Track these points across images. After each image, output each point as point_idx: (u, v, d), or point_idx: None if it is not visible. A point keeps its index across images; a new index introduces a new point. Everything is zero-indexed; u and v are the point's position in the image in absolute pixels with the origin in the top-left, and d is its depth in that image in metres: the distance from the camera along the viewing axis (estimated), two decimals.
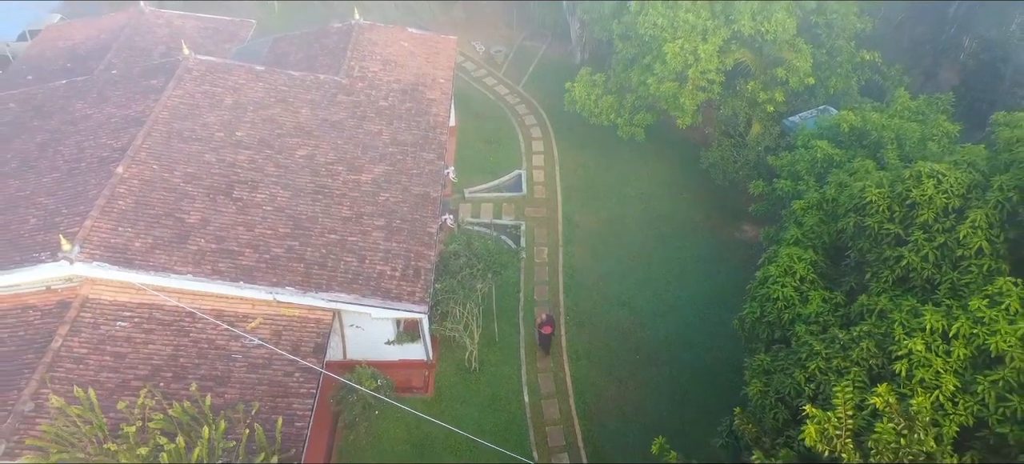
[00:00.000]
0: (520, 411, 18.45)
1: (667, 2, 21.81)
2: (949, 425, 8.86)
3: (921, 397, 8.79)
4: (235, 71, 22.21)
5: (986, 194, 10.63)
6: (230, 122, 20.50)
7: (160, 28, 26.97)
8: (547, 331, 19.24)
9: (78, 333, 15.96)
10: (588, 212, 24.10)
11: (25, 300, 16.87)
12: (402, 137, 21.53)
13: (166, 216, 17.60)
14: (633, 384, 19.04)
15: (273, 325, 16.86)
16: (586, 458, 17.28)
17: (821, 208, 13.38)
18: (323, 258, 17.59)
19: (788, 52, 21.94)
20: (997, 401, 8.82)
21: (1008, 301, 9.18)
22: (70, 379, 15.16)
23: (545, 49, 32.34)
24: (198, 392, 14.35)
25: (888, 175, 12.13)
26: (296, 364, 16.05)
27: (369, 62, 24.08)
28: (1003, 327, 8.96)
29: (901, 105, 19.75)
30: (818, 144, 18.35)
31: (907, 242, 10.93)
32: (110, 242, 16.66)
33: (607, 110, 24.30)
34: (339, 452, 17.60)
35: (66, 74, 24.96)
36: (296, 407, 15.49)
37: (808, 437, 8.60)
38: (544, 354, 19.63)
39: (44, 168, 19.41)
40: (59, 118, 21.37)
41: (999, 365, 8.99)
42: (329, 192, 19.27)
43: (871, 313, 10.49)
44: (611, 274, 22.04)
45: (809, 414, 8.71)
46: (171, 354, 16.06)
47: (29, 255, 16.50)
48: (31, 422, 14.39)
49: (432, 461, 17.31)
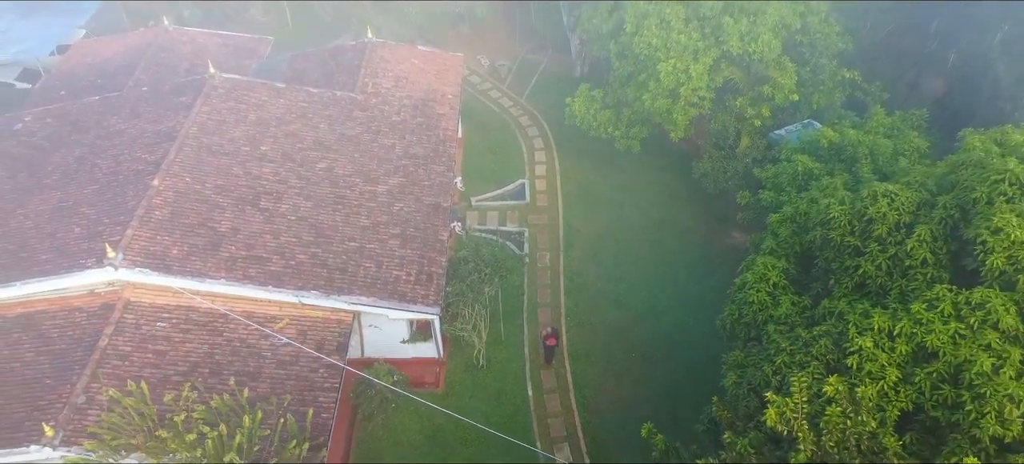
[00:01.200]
0: (524, 404, 20.01)
1: (661, 24, 23.34)
2: (892, 410, 10.40)
3: (868, 386, 10.32)
4: (258, 88, 23.75)
5: (932, 211, 12.19)
6: (254, 137, 22.05)
7: (183, 45, 28.55)
8: (552, 343, 20.66)
9: (122, 333, 17.54)
10: (588, 219, 25.65)
11: (71, 302, 18.48)
12: (414, 150, 23.10)
13: (199, 225, 19.17)
14: (629, 380, 20.58)
15: (299, 325, 18.43)
16: (585, 447, 18.84)
17: (794, 221, 14.95)
18: (344, 264, 19.15)
19: (774, 70, 23.48)
20: (932, 389, 10.37)
21: (943, 305, 10.71)
22: (117, 374, 16.75)
23: (546, 62, 33.89)
24: (236, 386, 15.93)
25: (850, 194, 13.69)
26: (321, 361, 17.61)
27: (382, 79, 25.62)
28: (938, 327, 10.50)
29: (877, 121, 21.29)
30: (799, 158, 19.88)
31: (864, 253, 12.49)
32: (150, 249, 18.22)
33: (605, 123, 25.86)
34: (358, 442, 19.17)
35: (96, 89, 26.51)
36: (322, 400, 17.05)
37: (769, 419, 10.13)
38: (547, 364, 20.95)
39: (84, 180, 20.99)
40: (95, 133, 22.92)
41: (934, 359, 10.52)
42: (348, 203, 20.83)
43: (831, 315, 12.04)
44: (609, 277, 23.58)
45: (770, 399, 10.25)
46: (207, 352, 17.64)
47: (77, 261, 18.08)
48: (83, 413, 15.97)
49: (443, 450, 18.85)
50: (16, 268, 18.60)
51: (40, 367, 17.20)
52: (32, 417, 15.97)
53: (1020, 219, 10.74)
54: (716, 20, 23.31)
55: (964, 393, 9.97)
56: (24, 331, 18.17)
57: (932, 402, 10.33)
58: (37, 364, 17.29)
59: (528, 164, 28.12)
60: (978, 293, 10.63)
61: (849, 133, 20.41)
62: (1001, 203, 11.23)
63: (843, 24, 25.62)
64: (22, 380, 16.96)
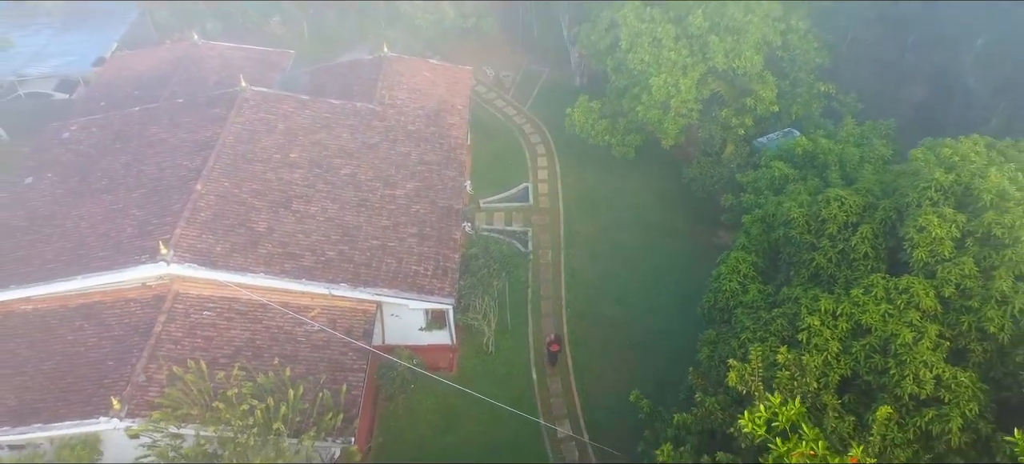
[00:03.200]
0: (529, 386, 22.30)
1: (653, 42, 25.64)
2: (834, 375, 12.63)
3: (814, 356, 12.56)
4: (285, 100, 26.01)
5: (875, 213, 14.45)
6: (284, 145, 24.31)
7: (213, 59, 30.83)
8: (555, 349, 22.66)
9: (173, 320, 19.83)
10: (586, 220, 27.93)
11: (126, 294, 20.79)
12: (428, 157, 25.38)
13: (239, 225, 21.44)
14: (624, 366, 22.79)
15: (329, 314, 20.71)
16: (584, 423, 21.13)
17: (763, 221, 17.22)
18: (368, 260, 21.43)
19: (756, 83, 25.77)
20: (866, 358, 12.60)
21: (876, 290, 12.95)
22: (171, 357, 19.04)
23: (548, 73, 36.15)
24: (279, 365, 18.24)
25: (809, 198, 15.98)
26: (349, 346, 19.91)
27: (397, 91, 27.89)
28: (871, 308, 12.73)
29: (847, 131, 23.59)
30: (776, 165, 22.17)
31: (818, 248, 14.75)
32: (196, 247, 20.49)
33: (602, 132, 28.15)
34: (381, 419, 21.46)
35: (134, 101, 28.71)
36: (351, 379, 19.33)
37: (730, 380, 12.35)
38: (551, 367, 22.86)
39: (132, 185, 23.25)
40: (137, 141, 25.17)
41: (868, 334, 12.76)
42: (370, 205, 23.11)
43: (789, 300, 14.30)
44: (606, 273, 25.85)
45: (731, 365, 12.48)
46: (249, 338, 19.94)
47: (131, 257, 20.35)
48: (144, 390, 18.26)
49: (457, 426, 21.13)
50: (76, 263, 20.88)
51: (102, 351, 19.52)
52: (99, 393, 18.29)
53: (940, 219, 13.01)
54: (703, 38, 25.60)
55: (890, 361, 12.24)
56: (85, 320, 20.49)
57: (866, 369, 12.60)
58: (99, 348, 19.60)
59: (531, 169, 30.41)
60: (904, 280, 12.91)
61: (821, 142, 22.70)
62: (927, 206, 13.49)
63: (824, 37, 27.86)
64: (87, 362, 19.28)
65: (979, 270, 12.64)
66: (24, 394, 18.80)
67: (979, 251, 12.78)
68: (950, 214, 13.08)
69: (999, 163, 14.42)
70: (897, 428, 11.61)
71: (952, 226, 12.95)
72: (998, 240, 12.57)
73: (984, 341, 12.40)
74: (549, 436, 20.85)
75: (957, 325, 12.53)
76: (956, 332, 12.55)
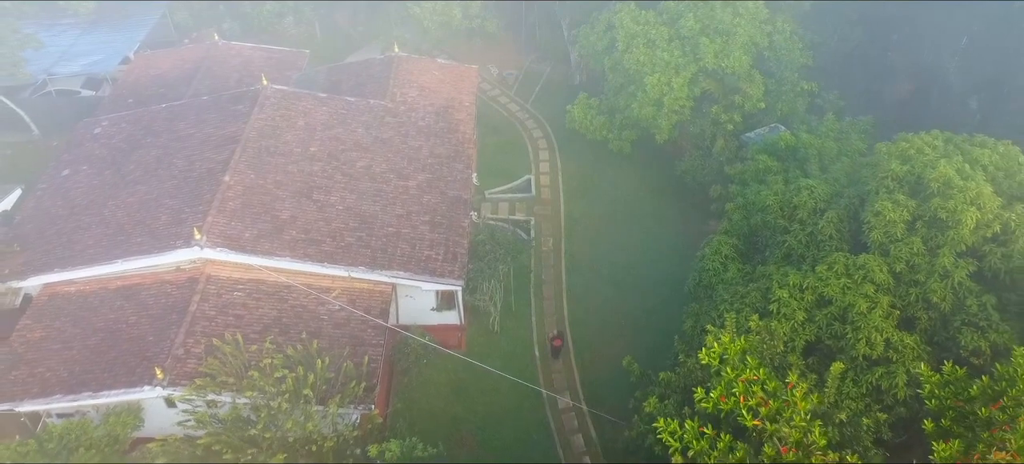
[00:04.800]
0: (532, 362, 24.18)
1: (648, 44, 27.44)
2: (800, 340, 14.46)
3: (782, 323, 14.38)
4: (303, 98, 27.82)
5: (840, 200, 16.27)
6: (304, 140, 26.13)
7: (233, 58, 32.63)
8: (557, 344, 24.30)
9: (207, 300, 21.67)
10: (585, 210, 29.76)
11: (161, 277, 22.63)
12: (438, 151, 27.20)
13: (265, 213, 23.28)
14: (619, 342, 24.59)
15: (348, 295, 22.55)
16: (582, 394, 23.00)
17: (744, 209, 19.04)
18: (384, 245, 23.27)
19: (744, 82, 27.58)
20: (827, 325, 14.43)
21: (837, 267, 14.76)
22: (206, 333, 20.90)
23: (549, 72, 37.93)
24: (306, 338, 20.11)
25: (784, 187, 17.82)
26: (368, 323, 21.77)
27: (407, 89, 29.69)
28: (833, 282, 14.55)
29: (827, 127, 25.39)
30: (761, 158, 23.98)
31: (790, 231, 16.58)
32: (227, 233, 22.33)
33: (600, 128, 29.97)
34: (397, 391, 23.32)
35: (159, 98, 30.51)
36: (370, 353, 21.20)
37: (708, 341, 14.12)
38: (554, 360, 24.51)
39: (163, 177, 25.07)
40: (166, 136, 26.98)
41: (829, 305, 14.59)
42: (385, 195, 24.94)
43: (763, 276, 16.12)
44: (603, 260, 27.67)
45: (708, 329, 14.28)
46: (276, 316, 21.79)
47: (168, 243, 22.19)
48: (183, 362, 20.11)
49: (466, 398, 22.98)
50: (116, 249, 22.75)
51: (142, 327, 21.39)
52: (142, 365, 20.17)
53: (894, 205, 14.83)
54: (694, 40, 27.41)
55: (847, 327, 14.08)
56: (125, 300, 22.36)
57: (827, 334, 14.44)
58: (140, 325, 21.48)
59: (533, 162, 32.23)
60: (862, 258, 14.74)
61: (803, 137, 24.52)
62: (883, 193, 15.30)
63: (810, 38, 29.63)
64: (129, 338, 21.16)
65: (926, 249, 14.46)
66: (73, 367, 20.69)
67: (927, 232, 14.60)
68: (903, 200, 14.90)
69: (950, 155, 16.19)
70: (852, 383, 13.46)
71: (904, 210, 14.77)
72: (942, 222, 14.38)
73: (929, 310, 14.24)
74: (551, 405, 22.75)
75: (906, 296, 14.37)
76: (905, 302, 14.39)
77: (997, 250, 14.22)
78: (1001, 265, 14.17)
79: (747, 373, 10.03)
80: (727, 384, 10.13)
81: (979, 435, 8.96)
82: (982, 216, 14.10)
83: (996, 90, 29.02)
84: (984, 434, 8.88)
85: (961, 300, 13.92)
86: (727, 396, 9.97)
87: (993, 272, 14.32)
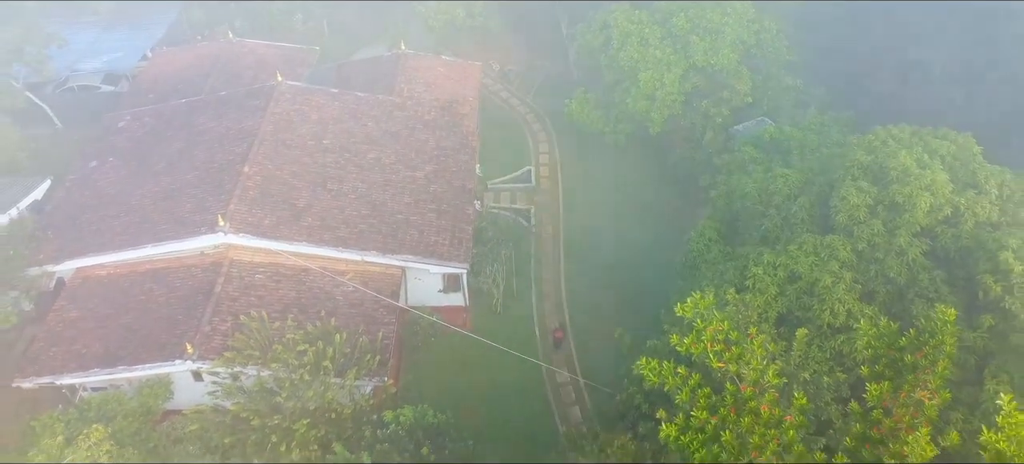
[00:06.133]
0: (533, 340, 25.88)
1: (641, 42, 29.06)
2: (772, 312, 16.14)
3: (757, 297, 16.05)
4: (316, 93, 29.44)
5: (812, 187, 17.95)
6: (317, 133, 27.75)
7: (247, 56, 34.23)
8: (559, 336, 25.80)
9: (230, 282, 23.34)
10: (582, 199, 31.39)
11: (186, 261, 24.29)
12: (444, 143, 28.84)
13: (283, 202, 24.93)
14: (614, 322, 26.20)
15: (362, 278, 24.23)
16: (579, 369, 24.73)
17: (727, 195, 20.71)
18: (394, 231, 24.94)
19: (732, 78, 29.21)
20: (796, 299, 16.13)
21: (806, 246, 16.44)
22: (231, 311, 22.58)
23: (549, 67, 39.57)
24: (325, 316, 21.82)
25: (763, 175, 19.50)
26: (380, 303, 23.46)
27: (414, 85, 31.31)
28: (802, 260, 16.21)
29: (810, 121, 27.04)
30: (746, 150, 25.62)
31: (767, 215, 18.26)
32: (248, 220, 23.99)
33: (597, 121, 31.62)
34: (407, 367, 25.04)
35: (178, 93, 32.07)
36: (383, 330, 22.90)
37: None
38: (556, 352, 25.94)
39: (186, 168, 26.71)
40: (187, 130, 28.60)
41: (799, 280, 16.27)
42: (394, 185, 26.58)
43: (742, 256, 17.80)
44: (600, 245, 29.33)
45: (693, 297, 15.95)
46: (295, 296, 23.48)
47: (194, 229, 23.85)
48: (210, 338, 21.79)
49: (471, 372, 24.65)
50: (144, 235, 24.42)
51: (172, 307, 23.08)
52: (172, 341, 21.86)
53: (857, 190, 16.51)
54: (685, 38, 29.04)
55: (813, 300, 15.77)
56: (154, 282, 24.04)
57: (797, 307, 16.14)
58: (169, 305, 23.17)
59: (533, 154, 33.88)
60: (829, 239, 16.43)
61: (786, 130, 26.17)
62: (849, 181, 16.98)
63: (800, 36, 31.21)
64: (159, 317, 22.85)
65: (885, 230, 16.13)
66: (108, 343, 22.40)
67: (886, 215, 16.26)
68: (866, 187, 16.57)
69: (912, 147, 17.83)
70: (817, 349, 15.16)
71: (867, 196, 16.44)
72: (900, 206, 16.05)
73: (887, 284, 15.92)
74: (549, 379, 24.48)
75: (867, 272, 16.06)
76: (866, 277, 16.07)
77: (948, 231, 15.91)
78: (951, 244, 15.86)
79: (714, 324, 11.69)
80: (697, 332, 11.81)
81: (905, 378, 10.65)
82: (935, 200, 15.78)
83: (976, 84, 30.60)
84: (909, 376, 10.59)
85: (915, 275, 15.60)
86: (697, 342, 11.66)
87: (944, 250, 16.02)
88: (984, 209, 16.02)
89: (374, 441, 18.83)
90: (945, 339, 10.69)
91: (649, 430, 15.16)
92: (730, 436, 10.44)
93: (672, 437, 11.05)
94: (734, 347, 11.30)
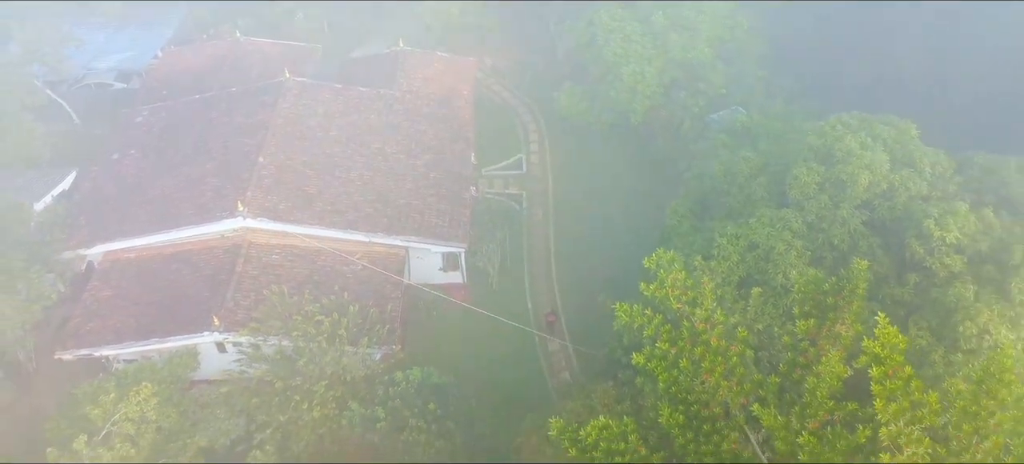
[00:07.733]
0: (525, 313, 28.27)
1: (623, 38, 31.43)
2: (735, 276, 18.58)
3: (721, 263, 18.47)
4: (322, 88, 31.61)
5: (770, 168, 20.41)
6: (325, 125, 29.94)
7: (254, 54, 36.32)
8: (552, 320, 27.95)
9: (250, 262, 25.59)
10: (570, 184, 33.66)
11: (208, 244, 26.49)
12: (442, 134, 31.09)
13: (296, 189, 27.16)
14: (600, 299, 28.70)
15: (369, 257, 26.54)
16: (569, 341, 27.16)
17: (699, 177, 23.16)
18: (398, 214, 27.22)
19: (708, 71, 31.64)
20: (755, 264, 18.60)
21: (763, 218, 18.89)
22: (252, 288, 24.88)
23: (538, 63, 41.77)
24: (339, 291, 24.14)
25: (729, 158, 21.95)
26: (387, 280, 25.80)
27: (412, 80, 33.49)
28: (759, 231, 18.66)
29: (777, 110, 29.50)
30: (719, 137, 28.07)
31: (730, 193, 20.72)
32: (265, 205, 26.22)
33: (584, 112, 33.97)
34: (411, 339, 27.38)
35: (189, 90, 34.00)
36: (391, 304, 25.23)
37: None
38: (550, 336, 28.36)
39: (203, 159, 28.87)
40: (202, 124, 30.72)
41: (757, 249, 18.74)
42: (397, 172, 28.84)
43: (708, 229, 20.25)
44: (587, 226, 31.59)
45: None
46: (308, 274, 25.77)
47: (215, 214, 26.08)
48: (233, 313, 24.06)
49: (470, 343, 27.01)
50: (168, 220, 26.62)
51: (197, 286, 25.33)
52: (199, 316, 24.11)
53: (808, 170, 18.98)
54: (664, 35, 31.45)
55: (768, 264, 18.23)
56: (179, 264, 26.26)
57: (755, 271, 18.62)
58: (195, 284, 25.42)
59: (524, 143, 36.17)
60: (783, 212, 18.91)
61: (756, 119, 28.63)
62: (801, 162, 19.45)
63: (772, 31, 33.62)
64: (186, 294, 25.10)
65: (831, 203, 18.59)
66: (141, 318, 24.66)
67: (832, 191, 18.73)
68: (815, 167, 19.03)
69: (858, 132, 20.27)
70: (772, 306, 17.62)
71: (815, 174, 18.90)
72: (844, 183, 18.51)
73: (832, 250, 18.39)
74: (541, 348, 26.93)
75: (816, 240, 18.55)
76: (815, 245, 18.55)
77: (884, 203, 18.37)
78: (887, 215, 18.32)
79: (673, 273, 14.11)
80: (661, 280, 14.23)
81: (827, 316, 13.09)
82: (873, 177, 18.24)
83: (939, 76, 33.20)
84: (830, 315, 13.03)
85: (856, 242, 18.06)
86: (660, 288, 14.09)
87: (881, 221, 18.49)
88: (916, 184, 18.52)
89: (387, 398, 21.18)
90: (859, 285, 13.14)
91: (628, 377, 17.58)
92: (686, 362, 12.86)
93: (641, 364, 13.47)
94: (689, 291, 13.70)
